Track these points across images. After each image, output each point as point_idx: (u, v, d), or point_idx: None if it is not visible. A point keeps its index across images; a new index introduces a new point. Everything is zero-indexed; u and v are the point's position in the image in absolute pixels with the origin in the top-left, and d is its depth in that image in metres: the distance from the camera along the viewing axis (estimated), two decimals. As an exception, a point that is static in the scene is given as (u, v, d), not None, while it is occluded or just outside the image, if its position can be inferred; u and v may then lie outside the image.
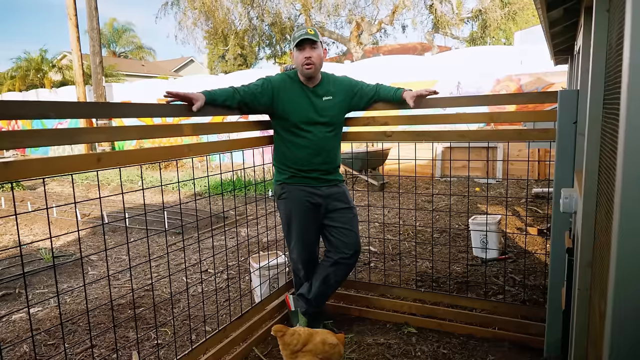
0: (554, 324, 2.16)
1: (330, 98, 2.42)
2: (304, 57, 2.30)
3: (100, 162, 1.57)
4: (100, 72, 13.47)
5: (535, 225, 4.73)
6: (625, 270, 0.70)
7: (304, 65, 2.31)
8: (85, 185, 9.52)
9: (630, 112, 0.66)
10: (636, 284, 0.68)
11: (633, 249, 0.68)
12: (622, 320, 0.71)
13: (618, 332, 0.72)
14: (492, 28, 17.38)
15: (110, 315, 2.96)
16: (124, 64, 27.24)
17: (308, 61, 2.30)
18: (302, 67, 2.32)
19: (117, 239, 5.08)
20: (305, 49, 2.30)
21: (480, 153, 7.99)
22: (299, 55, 2.31)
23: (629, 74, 0.66)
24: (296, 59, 2.33)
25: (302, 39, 2.28)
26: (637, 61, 0.66)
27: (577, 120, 2.04)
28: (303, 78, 2.39)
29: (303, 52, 2.30)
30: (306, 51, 2.30)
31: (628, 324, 0.71)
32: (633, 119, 0.66)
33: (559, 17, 2.60)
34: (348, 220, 2.47)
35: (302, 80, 2.40)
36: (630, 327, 0.70)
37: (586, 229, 1.45)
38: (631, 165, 0.66)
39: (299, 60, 2.31)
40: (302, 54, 2.30)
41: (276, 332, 2.12)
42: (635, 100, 0.65)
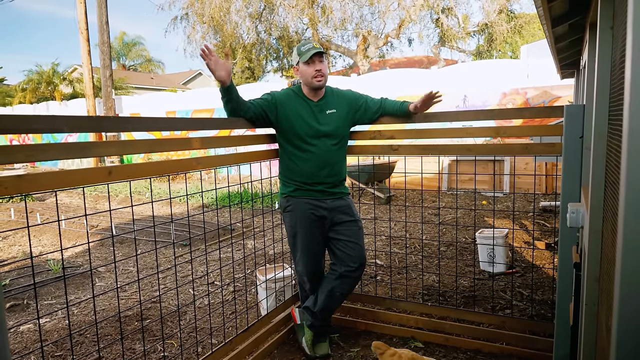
0: (562, 339, 2.14)
1: (334, 111, 2.44)
2: (314, 70, 2.34)
3: (111, 175, 1.60)
4: (110, 85, 13.66)
5: (543, 239, 4.70)
6: (631, 286, 0.70)
7: (315, 77, 2.35)
8: (94, 197, 9.59)
9: (632, 128, 0.67)
10: (638, 300, 0.69)
11: (637, 264, 0.69)
12: (627, 335, 0.71)
13: (624, 348, 0.72)
14: (499, 41, 17.44)
15: (117, 326, 2.97)
16: (134, 76, 27.61)
17: (319, 73, 2.35)
18: (312, 79, 2.35)
19: (124, 251, 5.11)
20: (315, 62, 2.34)
21: (487, 166, 7.98)
22: (308, 68, 2.34)
23: (631, 90, 0.68)
24: (305, 72, 2.36)
25: (313, 52, 2.32)
26: (639, 78, 0.67)
27: (584, 134, 2.05)
28: (308, 92, 2.42)
29: (313, 65, 2.34)
30: (316, 64, 2.34)
31: (633, 340, 0.71)
32: (635, 134, 0.67)
33: (564, 32, 2.62)
34: (353, 233, 2.48)
35: (306, 95, 2.43)
36: (635, 343, 0.71)
37: (593, 243, 1.45)
38: (634, 180, 0.67)
39: (309, 73, 2.34)
40: (313, 67, 2.34)
41: (376, 348, 2.06)
42: (637, 116, 0.67)
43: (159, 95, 14.74)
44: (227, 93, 2.23)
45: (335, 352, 2.60)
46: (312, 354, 2.54)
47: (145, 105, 13.99)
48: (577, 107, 2.08)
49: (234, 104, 2.27)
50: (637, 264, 0.69)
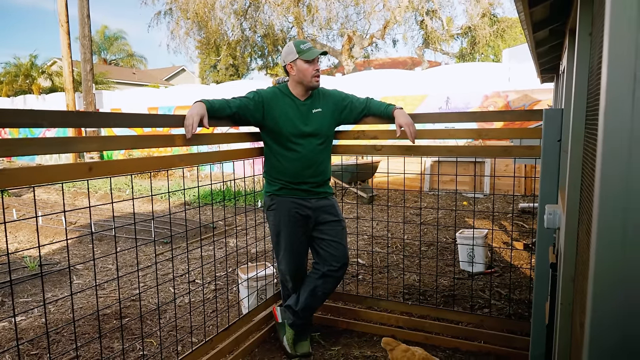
0: (538, 338, 2.19)
1: (320, 110, 2.44)
2: (314, 70, 2.35)
3: (91, 171, 1.58)
4: (90, 80, 13.42)
5: (522, 239, 4.79)
6: (603, 285, 0.73)
7: (315, 77, 2.35)
8: (72, 193, 9.41)
9: (607, 132, 0.69)
10: (612, 299, 0.71)
11: (609, 265, 0.71)
12: (599, 333, 0.74)
13: (596, 347, 0.74)
14: (481, 45, 17.68)
15: (95, 325, 2.93)
16: (115, 71, 27.15)
17: (318, 73, 2.37)
18: (312, 79, 2.35)
19: (103, 248, 5.03)
20: (315, 62, 2.35)
21: (468, 168, 8.09)
22: (309, 67, 2.33)
23: (606, 95, 0.70)
24: (305, 70, 2.34)
25: (319, 52, 2.34)
26: (614, 83, 0.69)
27: (562, 138, 2.09)
28: (299, 91, 2.42)
29: (313, 64, 2.34)
30: (316, 64, 2.35)
31: (605, 338, 0.73)
32: (609, 139, 0.69)
33: (544, 37, 2.68)
34: (337, 233, 2.49)
35: (294, 93, 2.42)
36: (607, 342, 0.73)
37: (569, 244, 1.49)
38: (608, 183, 0.70)
39: (309, 72, 2.34)
40: (313, 66, 2.34)
41: (386, 344, 2.03)
42: (612, 121, 0.69)
43: (141, 91, 14.53)
44: (209, 114, 2.17)
45: (316, 351, 2.61)
46: (293, 353, 2.54)
47: (127, 100, 13.77)
48: (555, 111, 2.13)
49: (218, 117, 2.26)
50: (609, 264, 0.71)
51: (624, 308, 0.71)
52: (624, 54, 0.67)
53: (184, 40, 19.05)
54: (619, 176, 0.69)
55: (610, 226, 0.71)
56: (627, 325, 0.71)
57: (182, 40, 19.00)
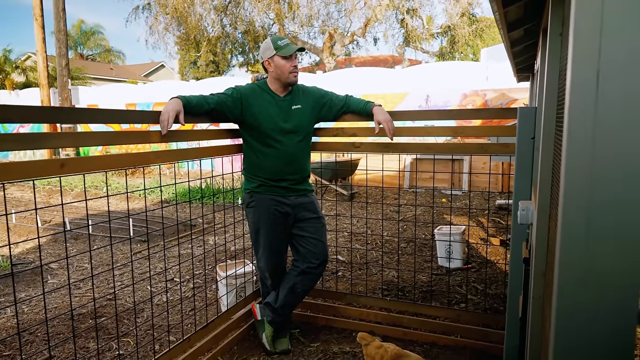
0: (512, 331, 2.24)
1: (300, 107, 2.44)
2: (292, 66, 2.34)
3: (63, 167, 1.55)
4: (66, 75, 13.11)
5: (498, 235, 4.88)
6: (567, 279, 0.75)
7: (292, 73, 2.35)
8: (47, 191, 9.20)
9: (571, 130, 0.71)
10: (576, 292, 0.73)
11: (573, 259, 0.73)
12: (564, 327, 0.76)
13: (561, 339, 0.77)
14: (461, 44, 17.90)
15: (71, 325, 2.88)
16: (92, 67, 26.59)
17: (296, 70, 2.36)
18: (289, 75, 2.34)
19: (79, 247, 4.94)
20: (292, 58, 2.34)
21: (448, 165, 8.19)
22: (287, 63, 2.33)
23: (570, 94, 0.72)
24: (282, 66, 2.33)
25: (296, 48, 2.33)
26: (578, 81, 0.71)
27: (535, 135, 2.14)
28: (277, 87, 2.41)
29: (291, 60, 2.34)
30: (293, 60, 2.34)
31: (569, 331, 0.75)
32: (573, 136, 0.71)
33: (519, 37, 2.72)
34: (316, 230, 2.49)
35: (273, 90, 2.42)
36: (571, 334, 0.75)
37: (540, 239, 1.53)
38: (571, 179, 0.72)
39: (287, 68, 2.33)
40: (290, 62, 2.33)
41: (361, 339, 2.04)
42: (576, 119, 0.71)
43: (118, 87, 14.25)
44: (186, 111, 2.14)
45: (296, 348, 2.61)
46: (273, 350, 2.54)
47: (104, 96, 13.51)
48: (529, 109, 2.17)
49: (196, 114, 2.23)
50: (573, 258, 0.73)
51: (587, 301, 0.73)
52: (588, 52, 0.69)
53: (163, 36, 18.77)
54: (583, 172, 0.71)
55: (574, 221, 0.73)
56: (590, 318, 0.73)
57: (161, 35, 18.72)
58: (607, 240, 0.71)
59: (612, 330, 0.73)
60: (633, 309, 0.72)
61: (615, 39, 0.66)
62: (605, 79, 0.67)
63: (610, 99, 0.67)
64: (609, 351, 0.74)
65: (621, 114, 0.66)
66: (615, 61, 0.66)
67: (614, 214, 0.70)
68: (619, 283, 0.72)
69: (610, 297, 0.72)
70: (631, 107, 0.66)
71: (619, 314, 0.72)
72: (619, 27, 0.66)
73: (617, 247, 0.71)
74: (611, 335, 0.73)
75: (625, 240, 0.70)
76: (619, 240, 0.71)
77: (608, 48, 0.67)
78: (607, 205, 0.70)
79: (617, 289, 0.72)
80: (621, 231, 0.70)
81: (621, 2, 0.65)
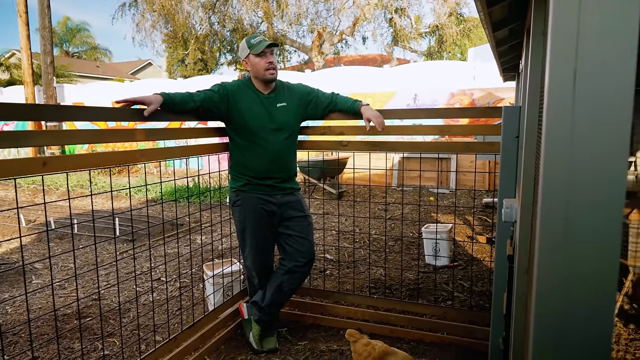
0: (497, 328, 2.26)
1: (285, 104, 2.43)
2: (266, 62, 2.32)
3: (46, 166, 1.53)
4: (51, 72, 12.92)
5: (485, 233, 4.93)
6: (547, 276, 0.76)
7: (268, 70, 2.33)
8: (32, 190, 9.07)
9: (549, 129, 0.72)
10: (555, 290, 0.74)
11: (552, 256, 0.74)
12: (543, 323, 0.77)
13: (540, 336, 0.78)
14: (448, 43, 18.01)
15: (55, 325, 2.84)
16: (77, 64, 26.23)
17: (272, 66, 2.34)
18: (265, 72, 2.33)
19: (64, 246, 4.87)
20: (266, 54, 2.33)
21: (436, 164, 8.24)
22: (261, 60, 2.32)
23: (549, 91, 0.73)
24: (257, 64, 2.33)
25: (266, 44, 2.31)
26: (556, 79, 0.72)
27: (519, 134, 2.16)
28: (259, 85, 2.41)
29: (265, 57, 2.32)
30: (268, 56, 2.33)
31: (548, 328, 0.77)
32: (551, 135, 0.72)
33: (504, 37, 2.75)
34: (303, 228, 2.49)
35: (257, 87, 2.41)
36: (550, 332, 0.76)
37: (523, 237, 1.55)
38: (550, 176, 0.73)
39: (262, 65, 2.32)
40: (265, 59, 2.32)
41: (349, 336, 2.04)
42: (553, 118, 0.72)
43: (105, 85, 14.08)
44: (170, 108, 2.12)
45: (283, 346, 2.61)
46: (260, 349, 2.54)
47: (90, 94, 13.33)
48: (514, 108, 2.20)
49: (180, 112, 2.21)
50: (551, 255, 0.74)
51: (566, 298, 0.74)
52: (565, 52, 0.70)
53: (150, 34, 18.57)
54: (561, 170, 0.72)
55: (553, 219, 0.74)
56: (568, 315, 0.74)
57: (148, 33, 18.52)
58: (585, 238, 0.72)
59: (590, 328, 0.74)
60: (610, 307, 0.73)
61: (593, 39, 0.67)
62: (582, 79, 0.68)
63: (587, 99, 0.68)
64: (587, 348, 0.75)
65: (597, 113, 0.67)
66: (592, 61, 0.67)
67: (592, 212, 0.71)
68: (597, 280, 0.73)
69: (588, 293, 0.73)
70: (607, 107, 0.67)
71: (597, 311, 0.74)
72: (597, 27, 0.67)
73: (594, 245, 0.72)
74: (589, 332, 0.74)
75: (602, 238, 0.71)
76: (597, 238, 0.72)
77: (585, 48, 0.68)
78: (585, 204, 0.71)
79: (595, 285, 0.73)
80: (599, 229, 0.71)
81: (598, 3, 0.66)
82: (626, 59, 0.65)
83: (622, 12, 0.65)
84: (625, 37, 0.65)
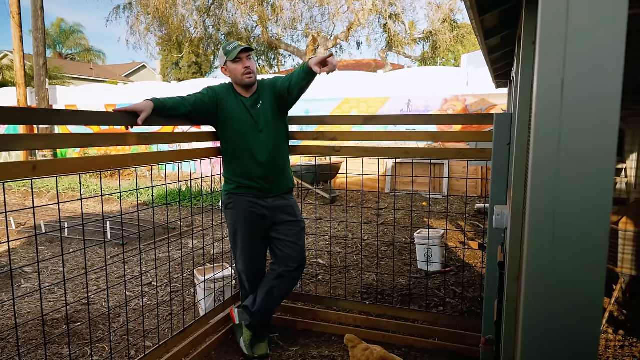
0: (488, 334, 2.26)
1: (261, 103, 2.43)
2: (243, 67, 2.33)
3: (35, 170, 1.52)
4: (43, 74, 12.84)
5: (477, 239, 4.94)
6: (535, 283, 0.76)
7: (245, 75, 2.34)
8: (23, 193, 8.99)
9: (537, 138, 0.73)
10: (542, 296, 0.74)
11: (540, 264, 0.75)
12: (532, 329, 0.77)
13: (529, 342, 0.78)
14: (442, 49, 18.12)
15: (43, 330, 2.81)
16: (71, 66, 26.10)
17: (248, 70, 2.34)
18: (243, 77, 2.34)
19: (54, 250, 4.83)
20: (242, 60, 2.33)
21: (428, 169, 8.27)
22: (237, 66, 2.33)
23: (537, 100, 0.73)
24: (234, 70, 2.34)
25: (240, 49, 2.31)
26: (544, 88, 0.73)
27: (511, 141, 2.18)
28: (240, 90, 2.41)
29: (241, 62, 2.33)
30: (244, 61, 2.34)
31: (536, 334, 0.77)
32: (539, 144, 0.73)
33: (496, 44, 2.77)
34: (294, 233, 2.49)
35: (239, 92, 2.42)
36: (538, 338, 0.77)
37: (513, 243, 1.55)
38: (538, 183, 0.73)
39: (239, 70, 2.33)
40: (241, 65, 2.33)
41: (348, 341, 2.03)
42: (542, 124, 0.72)
43: (98, 87, 14.00)
44: (161, 113, 2.14)
45: (274, 352, 2.60)
46: (251, 355, 2.52)
47: (83, 97, 13.26)
48: (505, 115, 2.21)
49: (172, 116, 2.22)
50: (540, 262, 0.75)
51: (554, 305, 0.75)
52: (553, 61, 0.71)
53: (144, 36, 18.52)
54: (549, 178, 0.73)
55: (542, 226, 0.74)
56: (557, 322, 0.75)
57: (143, 36, 18.47)
58: (573, 245, 0.73)
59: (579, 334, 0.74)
60: (598, 313, 0.74)
61: (580, 51, 0.68)
62: (570, 89, 0.69)
63: (574, 109, 0.68)
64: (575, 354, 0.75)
65: (584, 122, 0.68)
66: (579, 72, 0.68)
67: (580, 219, 0.72)
68: (585, 286, 0.73)
69: (577, 300, 0.74)
70: (593, 116, 0.67)
71: (585, 318, 0.74)
72: (584, 39, 0.68)
73: (582, 252, 0.72)
74: (578, 339, 0.75)
75: (590, 244, 0.72)
76: (585, 244, 0.72)
77: (573, 60, 0.69)
78: (572, 211, 0.72)
79: (583, 292, 0.73)
80: (586, 236, 0.72)
81: (585, 12, 0.67)
82: (613, 70, 0.66)
83: (609, 23, 0.66)
84: (612, 48, 0.65)
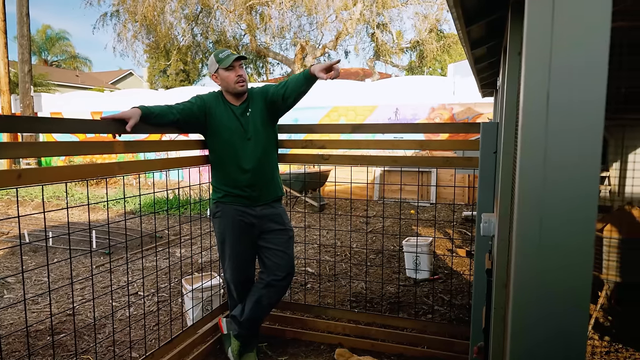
0: (477, 342, 2.27)
1: (251, 111, 2.42)
2: (236, 75, 2.33)
3: (20, 178, 1.49)
4: (28, 81, 12.69)
5: (465, 246, 4.98)
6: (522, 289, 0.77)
7: (238, 83, 2.33)
8: (6, 201, 8.83)
9: (523, 147, 0.74)
10: (529, 301, 0.75)
11: (527, 270, 0.75)
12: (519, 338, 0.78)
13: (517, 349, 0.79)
14: (429, 59, 18.33)
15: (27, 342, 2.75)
16: (56, 73, 25.83)
17: (241, 79, 2.34)
18: (235, 85, 2.34)
19: (38, 260, 4.74)
20: (235, 68, 2.33)
21: (416, 177, 8.32)
22: (230, 74, 2.33)
23: (523, 111, 0.75)
24: (226, 78, 2.33)
25: (234, 57, 2.31)
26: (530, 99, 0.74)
27: (497, 150, 2.21)
28: (231, 98, 2.41)
29: (234, 70, 2.33)
30: (237, 70, 2.34)
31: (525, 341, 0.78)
32: (525, 152, 0.74)
33: (482, 54, 2.81)
34: (282, 242, 2.48)
35: (229, 100, 2.41)
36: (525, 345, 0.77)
37: (501, 251, 1.57)
38: (524, 191, 0.74)
39: (231, 79, 2.33)
40: (234, 73, 2.33)
41: (339, 356, 2.02)
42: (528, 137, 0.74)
43: (84, 95, 13.87)
44: (149, 121, 2.13)
45: (263, 362, 2.58)
46: (239, 364, 2.50)
47: (69, 104, 13.12)
48: (491, 124, 2.24)
49: (159, 124, 2.21)
50: (526, 269, 0.75)
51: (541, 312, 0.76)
52: (538, 71, 0.72)
53: (131, 44, 18.43)
54: (535, 186, 0.74)
55: (528, 233, 0.75)
56: (543, 328, 0.75)
57: (130, 43, 18.38)
58: (559, 252, 0.74)
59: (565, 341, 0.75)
60: (584, 320, 0.75)
61: (564, 59, 0.70)
62: (555, 101, 0.70)
63: (559, 119, 0.70)
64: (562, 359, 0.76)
65: (569, 132, 0.69)
66: (564, 84, 0.70)
67: (565, 227, 0.73)
68: (571, 293, 0.74)
69: (563, 306, 0.75)
70: (578, 127, 0.69)
71: (571, 324, 0.75)
72: (568, 51, 0.69)
73: (568, 259, 0.73)
74: (564, 345, 0.75)
75: (576, 251, 0.73)
76: (571, 252, 0.73)
77: (557, 68, 0.70)
78: (558, 218, 0.73)
79: (569, 299, 0.74)
80: (572, 243, 0.73)
81: (570, 24, 0.69)
82: (597, 79, 0.67)
83: (593, 35, 0.67)
84: (596, 58, 0.67)
